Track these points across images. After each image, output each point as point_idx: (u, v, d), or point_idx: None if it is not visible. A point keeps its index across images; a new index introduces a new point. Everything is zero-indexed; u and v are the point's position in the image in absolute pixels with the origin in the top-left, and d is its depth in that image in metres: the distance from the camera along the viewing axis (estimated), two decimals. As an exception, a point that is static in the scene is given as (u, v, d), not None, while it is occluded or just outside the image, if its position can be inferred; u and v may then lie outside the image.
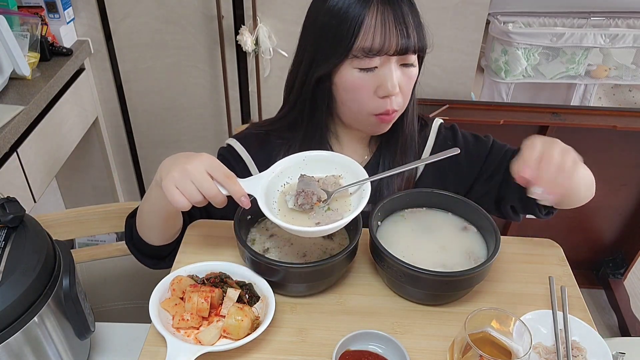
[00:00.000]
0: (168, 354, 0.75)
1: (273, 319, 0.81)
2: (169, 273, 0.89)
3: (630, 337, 2.03)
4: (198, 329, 0.81)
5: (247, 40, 1.84)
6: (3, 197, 0.84)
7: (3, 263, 0.76)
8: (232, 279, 0.88)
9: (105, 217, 1.31)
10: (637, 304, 2.28)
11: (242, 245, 0.86)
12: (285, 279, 0.86)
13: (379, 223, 0.95)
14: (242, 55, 1.94)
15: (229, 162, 1.08)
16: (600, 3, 1.99)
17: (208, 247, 0.97)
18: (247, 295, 0.84)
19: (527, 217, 1.16)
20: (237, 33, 1.87)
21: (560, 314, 0.86)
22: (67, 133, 1.83)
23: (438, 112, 1.84)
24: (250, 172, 1.08)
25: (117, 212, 1.30)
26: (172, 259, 0.96)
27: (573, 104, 2.21)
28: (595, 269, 2.37)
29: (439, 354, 0.81)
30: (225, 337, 0.80)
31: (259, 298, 0.85)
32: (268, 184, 0.86)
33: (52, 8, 1.80)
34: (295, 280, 0.87)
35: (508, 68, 2.09)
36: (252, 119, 2.11)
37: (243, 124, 2.07)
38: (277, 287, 0.87)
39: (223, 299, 0.83)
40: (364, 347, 0.79)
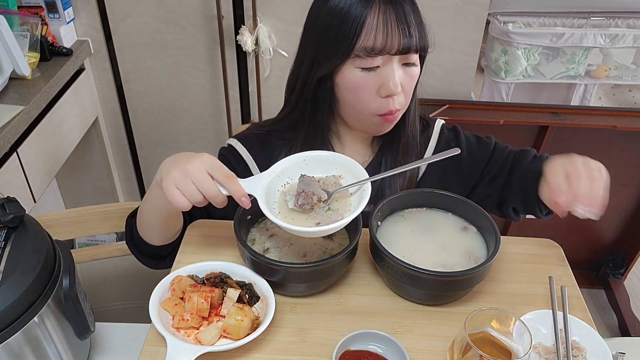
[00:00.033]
0: (168, 354, 0.75)
1: (273, 319, 0.81)
2: (169, 273, 0.89)
3: (630, 337, 2.03)
4: (198, 329, 0.81)
5: (247, 40, 1.84)
6: (3, 197, 0.84)
7: (3, 263, 0.76)
8: (232, 279, 0.88)
9: (105, 217, 1.31)
10: (637, 304, 2.28)
11: (242, 245, 0.86)
12: (285, 279, 0.86)
13: (379, 223, 0.95)
14: (242, 55, 1.94)
15: (230, 162, 1.08)
16: (600, 3, 1.99)
17: (208, 247, 0.97)
18: (247, 295, 0.84)
19: (527, 217, 1.16)
20: (237, 33, 1.87)
21: (560, 314, 0.86)
22: (67, 133, 1.83)
23: (438, 112, 1.84)
24: (252, 172, 1.08)
25: (117, 212, 1.30)
26: (172, 259, 0.96)
27: (573, 104, 2.21)
28: (595, 269, 2.37)
29: (439, 354, 0.81)
30: (225, 337, 0.80)
31: (259, 298, 0.85)
32: (268, 184, 0.86)
33: (52, 8, 1.80)
34: (295, 280, 0.87)
35: (508, 68, 2.09)
36: (252, 119, 2.11)
37: (243, 124, 2.07)
38: (277, 287, 0.87)
39: (223, 299, 0.83)
40: (364, 347, 0.79)
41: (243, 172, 1.07)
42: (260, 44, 1.88)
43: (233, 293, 0.83)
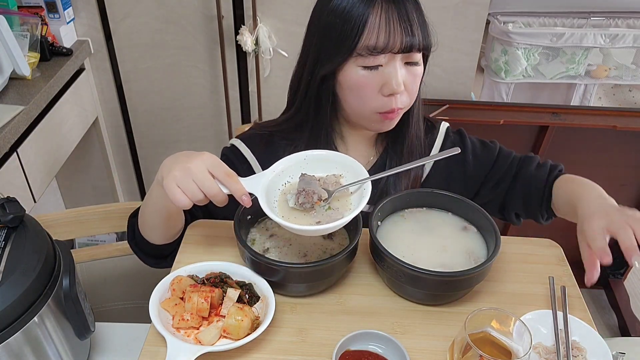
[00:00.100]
0: (168, 354, 0.75)
1: (273, 319, 0.81)
2: (169, 273, 0.89)
3: (630, 337, 2.03)
4: (198, 329, 0.81)
5: (247, 40, 1.83)
6: (3, 197, 0.84)
7: (3, 263, 0.76)
8: (232, 279, 0.88)
9: (105, 217, 1.31)
10: (637, 304, 2.28)
11: (242, 245, 0.86)
12: (285, 279, 0.86)
13: (379, 223, 0.95)
14: (242, 55, 1.94)
15: (233, 162, 1.08)
16: (600, 3, 1.99)
17: (208, 247, 0.97)
18: (247, 295, 0.84)
19: (526, 217, 1.16)
20: (237, 33, 1.87)
21: (560, 314, 0.86)
22: (67, 133, 1.83)
23: (438, 112, 1.84)
24: (254, 172, 1.07)
25: (117, 212, 1.30)
26: (174, 258, 0.96)
27: (573, 104, 2.21)
28: (595, 269, 2.36)
29: (439, 354, 0.81)
30: (225, 337, 0.80)
31: (259, 298, 0.85)
32: (269, 183, 0.86)
33: (52, 8, 1.80)
34: (295, 280, 0.87)
35: (508, 68, 2.08)
36: (252, 119, 2.11)
37: (243, 124, 2.07)
38: (277, 287, 0.87)
39: (223, 299, 0.83)
40: (364, 347, 0.79)
41: (246, 172, 1.07)
42: (260, 44, 1.88)
43: (233, 293, 0.83)
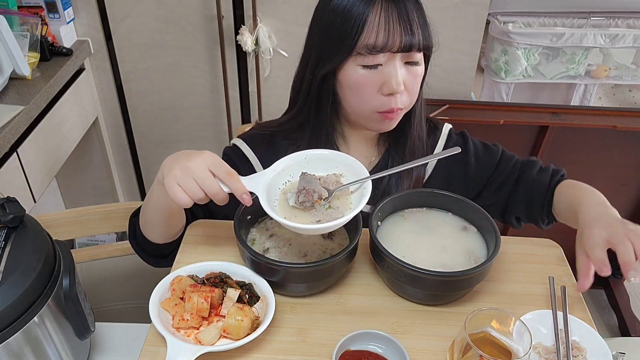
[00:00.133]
0: (168, 354, 0.75)
1: (273, 319, 0.81)
2: (169, 273, 0.89)
3: (630, 337, 2.03)
4: (198, 329, 0.81)
5: (247, 40, 1.83)
6: (3, 197, 0.84)
7: (3, 263, 0.76)
8: (232, 279, 0.88)
9: (105, 217, 1.31)
10: (637, 304, 2.28)
11: (242, 245, 0.86)
12: (285, 279, 0.86)
13: (379, 223, 0.95)
14: (242, 55, 1.94)
15: (235, 162, 1.08)
16: (600, 3, 1.99)
17: (208, 247, 0.97)
18: (247, 295, 0.84)
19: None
20: (237, 33, 1.87)
21: (560, 314, 0.86)
22: (67, 133, 1.83)
23: (438, 112, 1.84)
24: (256, 172, 1.07)
25: (117, 212, 1.30)
26: (174, 257, 0.96)
27: (573, 104, 2.21)
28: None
29: (439, 354, 0.81)
30: (225, 337, 0.80)
31: (259, 298, 0.85)
32: (269, 182, 0.86)
33: (52, 8, 1.80)
34: (295, 280, 0.87)
35: (508, 68, 2.08)
36: (252, 119, 2.11)
37: (243, 124, 2.07)
38: (277, 287, 0.87)
39: (223, 299, 0.83)
40: (364, 347, 0.79)
41: (247, 172, 1.06)
42: (260, 44, 1.88)
43: (233, 293, 0.83)
